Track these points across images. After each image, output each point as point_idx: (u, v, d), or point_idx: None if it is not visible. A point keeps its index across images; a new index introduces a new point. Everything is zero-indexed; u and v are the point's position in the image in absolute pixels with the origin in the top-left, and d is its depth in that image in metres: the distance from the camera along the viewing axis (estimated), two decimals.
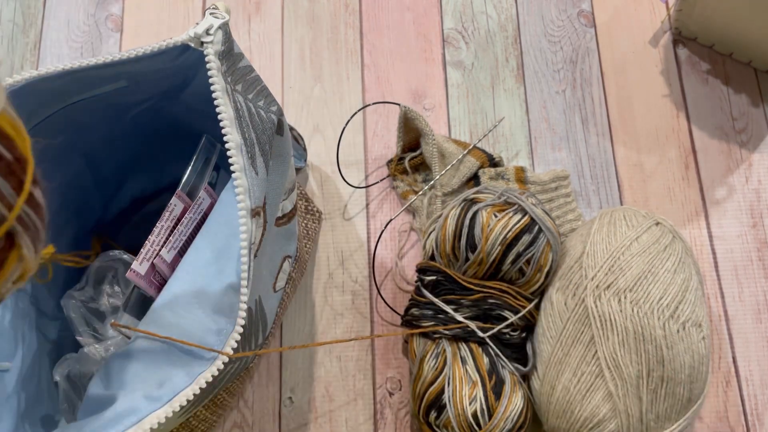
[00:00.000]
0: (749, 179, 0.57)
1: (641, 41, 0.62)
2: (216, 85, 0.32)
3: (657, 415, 0.43)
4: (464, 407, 0.44)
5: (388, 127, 0.59)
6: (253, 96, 0.36)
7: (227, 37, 0.34)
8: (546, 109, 0.60)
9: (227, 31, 0.34)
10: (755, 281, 0.55)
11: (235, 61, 0.35)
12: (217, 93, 0.32)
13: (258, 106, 0.36)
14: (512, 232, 0.45)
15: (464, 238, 0.46)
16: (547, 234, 0.46)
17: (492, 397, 0.45)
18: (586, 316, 0.44)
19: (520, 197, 0.47)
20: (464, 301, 0.47)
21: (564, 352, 0.45)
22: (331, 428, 0.51)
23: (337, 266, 0.55)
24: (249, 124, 0.34)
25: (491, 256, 0.46)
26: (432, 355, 0.47)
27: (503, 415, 0.44)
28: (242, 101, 0.34)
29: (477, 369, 0.46)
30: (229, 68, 0.34)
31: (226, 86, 0.33)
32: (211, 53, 0.32)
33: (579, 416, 0.44)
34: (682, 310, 0.43)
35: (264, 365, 0.52)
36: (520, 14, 0.63)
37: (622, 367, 0.42)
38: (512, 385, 0.46)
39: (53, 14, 0.62)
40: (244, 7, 0.63)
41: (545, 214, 0.47)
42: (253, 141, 0.34)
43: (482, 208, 0.47)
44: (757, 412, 0.51)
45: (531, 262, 0.46)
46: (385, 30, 0.62)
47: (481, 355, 0.46)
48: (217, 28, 0.33)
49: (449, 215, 0.48)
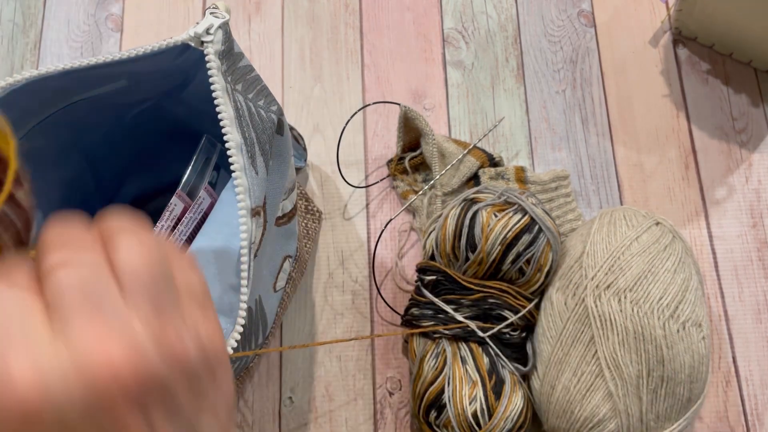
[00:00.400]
0: (749, 179, 0.57)
1: (641, 41, 0.62)
2: (216, 84, 0.32)
3: (657, 414, 0.43)
4: (464, 407, 0.44)
5: (388, 127, 0.59)
6: (254, 95, 0.36)
7: (227, 36, 0.34)
8: (546, 109, 0.60)
9: (227, 31, 0.34)
10: (755, 281, 0.55)
11: (235, 61, 0.35)
12: (217, 92, 0.32)
13: (258, 105, 0.36)
14: (512, 231, 0.45)
15: (464, 237, 0.46)
16: (547, 234, 0.46)
17: (492, 397, 0.45)
18: (586, 315, 0.44)
19: (520, 197, 0.47)
20: (464, 300, 0.47)
21: (564, 352, 0.45)
22: (331, 428, 0.51)
23: (337, 266, 0.55)
24: (249, 124, 0.34)
25: (491, 255, 0.46)
26: (432, 354, 0.47)
27: (503, 414, 0.44)
28: (242, 101, 0.34)
29: (477, 369, 0.46)
30: (230, 68, 0.34)
31: (226, 85, 0.33)
32: (211, 52, 0.32)
33: (579, 416, 0.44)
34: (682, 310, 0.43)
35: (264, 365, 0.52)
36: (520, 14, 0.63)
37: (622, 367, 0.42)
38: (512, 385, 0.46)
39: (53, 14, 0.62)
40: (244, 7, 0.63)
41: (545, 214, 0.47)
42: (253, 140, 0.34)
43: (482, 207, 0.47)
44: (757, 412, 0.51)
45: (531, 261, 0.46)
46: (385, 30, 0.62)
47: (481, 355, 0.46)
48: (217, 27, 0.33)
49: (449, 215, 0.48)
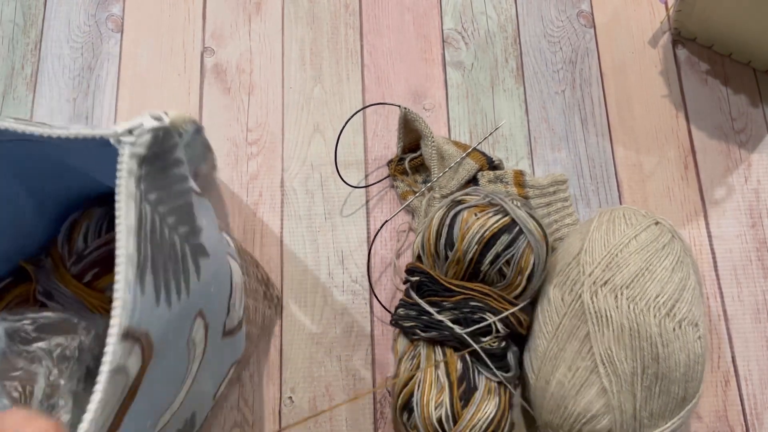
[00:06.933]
0: (748, 179, 0.58)
1: (640, 42, 0.62)
2: (121, 188, 0.29)
3: (651, 412, 0.43)
4: (430, 412, 0.44)
5: (388, 127, 0.59)
6: (166, 211, 0.33)
7: (157, 141, 0.31)
8: (545, 109, 0.60)
9: (160, 136, 0.31)
10: (754, 281, 0.55)
11: (165, 168, 0.32)
12: (120, 197, 0.29)
13: (166, 223, 0.33)
14: (489, 231, 0.45)
15: (444, 236, 0.46)
16: (528, 236, 0.45)
17: (458, 404, 0.44)
18: (583, 311, 0.44)
19: (504, 199, 0.47)
20: (446, 303, 0.47)
21: (559, 347, 0.45)
22: (331, 428, 0.51)
23: (337, 266, 0.55)
24: (148, 239, 0.31)
25: (468, 254, 0.46)
26: (409, 356, 0.47)
27: (469, 422, 0.44)
28: (149, 212, 0.31)
29: (447, 374, 0.46)
30: (150, 174, 0.31)
31: (135, 192, 0.30)
32: (125, 154, 0.29)
33: (572, 411, 0.44)
34: (678, 309, 0.43)
35: (264, 365, 0.52)
36: (520, 15, 0.63)
37: (617, 363, 0.42)
38: (485, 393, 0.45)
39: (54, 14, 0.63)
40: (244, 8, 0.63)
41: (530, 217, 0.46)
42: (147, 257, 0.30)
43: (465, 208, 0.47)
44: (756, 411, 0.52)
45: (511, 263, 0.46)
46: (385, 30, 0.62)
47: (456, 360, 0.46)
48: (146, 130, 0.30)
49: (435, 216, 0.48)
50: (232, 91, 0.60)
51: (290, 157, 0.58)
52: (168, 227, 0.33)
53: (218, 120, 0.59)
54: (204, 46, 0.62)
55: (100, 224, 0.44)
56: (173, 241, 0.33)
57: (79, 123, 0.59)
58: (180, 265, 0.33)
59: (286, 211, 0.56)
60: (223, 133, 0.59)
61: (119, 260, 0.28)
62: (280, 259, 0.55)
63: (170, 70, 0.61)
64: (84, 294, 0.43)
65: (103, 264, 0.43)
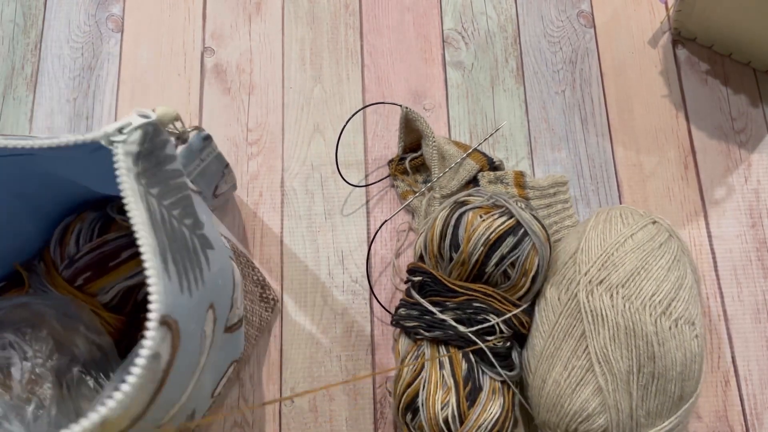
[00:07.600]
0: (748, 179, 0.58)
1: (640, 42, 0.62)
2: (125, 185, 0.30)
3: (647, 411, 0.43)
4: (436, 412, 0.44)
5: (388, 127, 0.59)
6: (170, 203, 0.34)
7: (147, 137, 0.31)
8: (545, 109, 0.60)
9: (150, 131, 0.31)
10: (754, 281, 0.55)
11: (159, 163, 0.32)
12: (126, 193, 0.30)
13: (173, 215, 0.34)
14: (495, 233, 0.45)
15: (449, 238, 0.46)
16: (533, 238, 0.45)
17: (465, 404, 0.44)
18: (578, 310, 0.44)
19: (508, 201, 0.47)
20: (449, 303, 0.47)
21: (555, 346, 0.45)
22: (331, 428, 0.51)
23: (337, 266, 0.55)
24: (162, 229, 0.31)
25: (474, 256, 0.46)
26: (412, 356, 0.47)
27: (475, 422, 0.44)
28: (156, 204, 0.32)
29: (453, 374, 0.45)
30: (147, 170, 0.31)
31: (138, 187, 0.30)
32: (120, 153, 0.30)
33: (569, 410, 0.44)
34: (675, 307, 0.43)
35: (264, 365, 0.52)
36: (520, 15, 0.63)
37: (613, 362, 0.42)
38: (490, 393, 0.45)
39: (54, 15, 0.63)
40: (244, 8, 0.63)
41: (534, 219, 0.46)
42: (165, 246, 0.31)
43: (469, 209, 0.47)
44: (756, 411, 0.51)
45: (516, 265, 0.46)
46: (385, 30, 0.62)
47: (460, 360, 0.46)
48: (135, 127, 0.31)
49: (438, 216, 0.48)
50: (232, 91, 0.60)
51: (290, 157, 0.58)
52: (175, 219, 0.33)
53: (218, 120, 0.59)
54: (204, 46, 0.62)
55: (93, 228, 0.44)
56: (182, 231, 0.34)
57: (79, 123, 0.59)
58: (193, 255, 0.34)
59: (286, 210, 0.56)
60: (223, 133, 0.59)
61: (144, 252, 0.29)
62: (280, 259, 0.55)
63: (170, 70, 0.61)
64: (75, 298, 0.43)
65: (94, 268, 0.43)
